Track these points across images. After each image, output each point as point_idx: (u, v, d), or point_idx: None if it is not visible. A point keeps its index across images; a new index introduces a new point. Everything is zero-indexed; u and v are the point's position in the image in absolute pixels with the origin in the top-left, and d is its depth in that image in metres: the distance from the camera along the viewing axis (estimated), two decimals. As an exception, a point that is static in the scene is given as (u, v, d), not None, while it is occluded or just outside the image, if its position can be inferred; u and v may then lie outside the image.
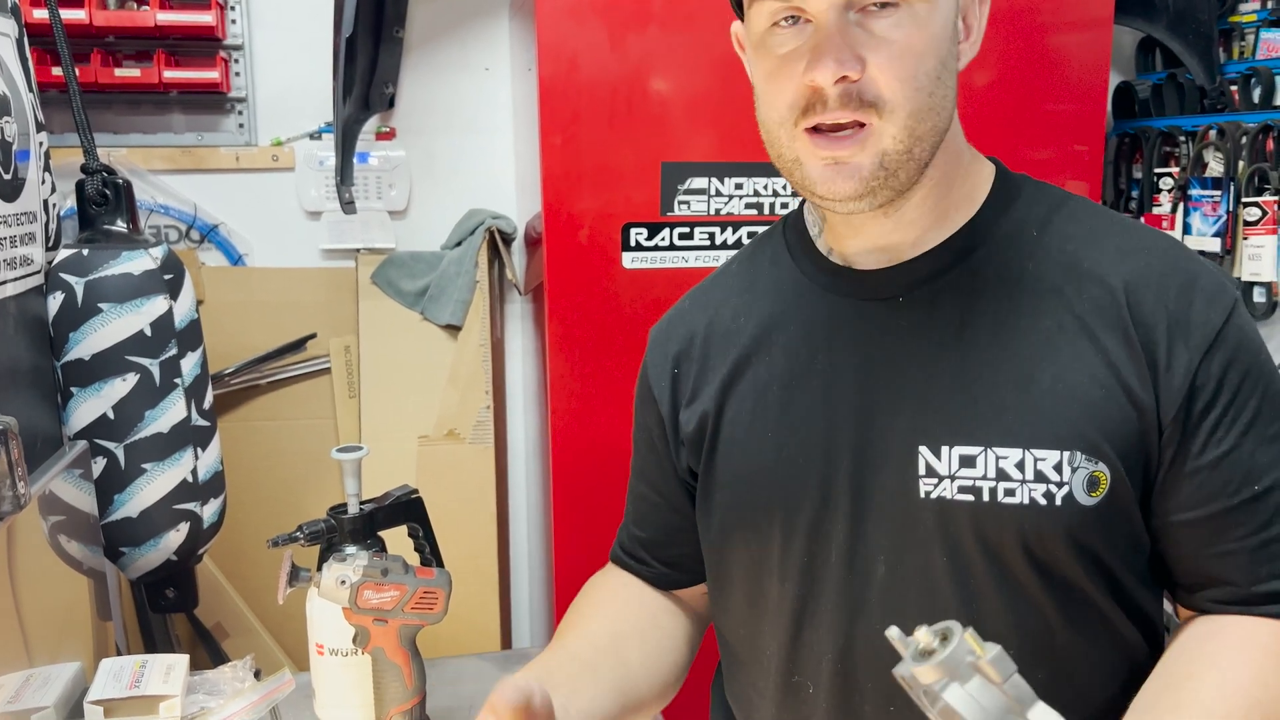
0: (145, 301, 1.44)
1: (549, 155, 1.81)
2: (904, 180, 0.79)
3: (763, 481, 0.89)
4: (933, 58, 0.78)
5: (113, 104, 2.09)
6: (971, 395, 0.81)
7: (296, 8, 2.11)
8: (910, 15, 0.76)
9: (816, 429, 0.87)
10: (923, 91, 0.77)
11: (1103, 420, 0.78)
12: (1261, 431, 0.79)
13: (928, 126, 0.78)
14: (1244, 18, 2.05)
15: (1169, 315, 0.79)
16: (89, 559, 1.39)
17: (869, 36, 0.76)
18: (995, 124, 1.93)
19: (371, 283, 2.17)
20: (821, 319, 0.89)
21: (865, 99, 0.76)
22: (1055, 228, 0.85)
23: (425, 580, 1.17)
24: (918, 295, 0.85)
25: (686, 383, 0.96)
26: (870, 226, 0.86)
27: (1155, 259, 0.82)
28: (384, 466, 2.01)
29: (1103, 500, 0.79)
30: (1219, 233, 1.98)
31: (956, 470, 0.80)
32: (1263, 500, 0.79)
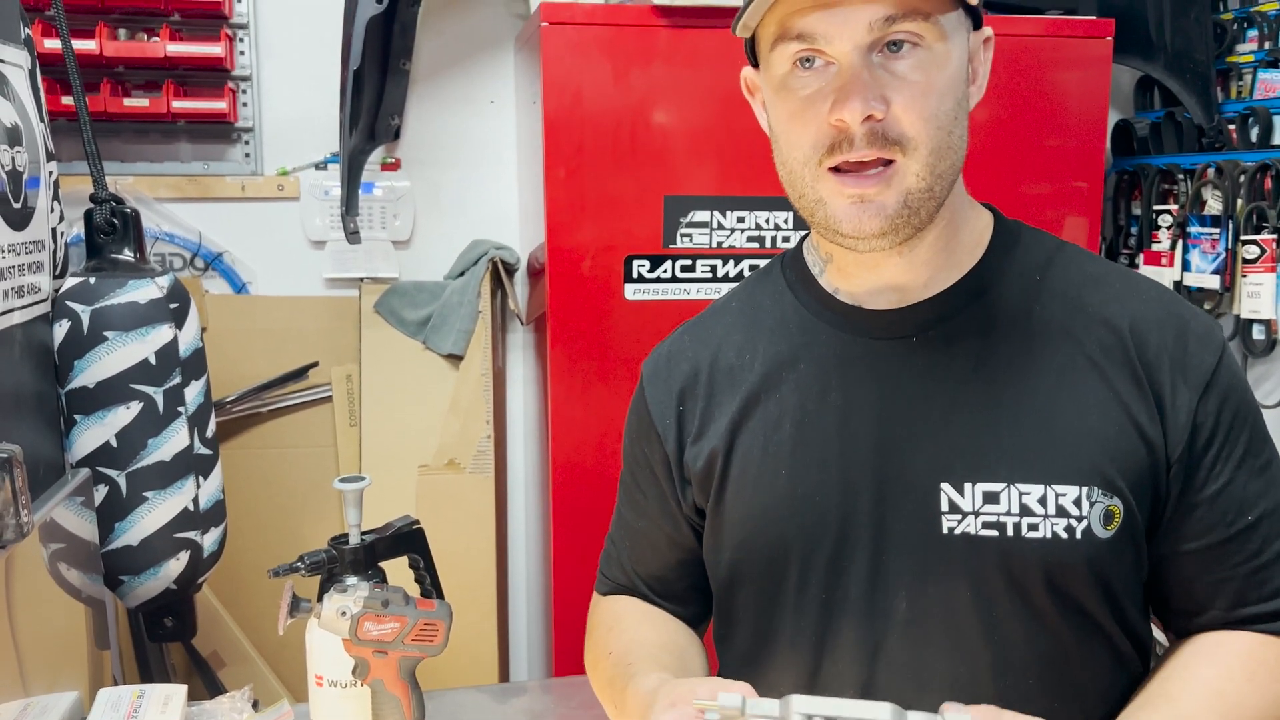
0: (150, 330, 1.45)
1: (553, 187, 1.83)
2: (924, 218, 0.82)
3: (777, 518, 0.89)
4: (950, 97, 0.80)
5: (120, 133, 2.11)
6: (992, 433, 0.83)
7: (304, 40, 2.14)
8: (929, 56, 0.78)
9: (832, 466, 0.87)
10: (943, 130, 0.79)
11: (1116, 456, 0.82)
12: (1251, 464, 0.84)
13: (947, 164, 0.81)
14: (1242, 58, 2.08)
15: (1170, 357, 0.83)
16: (88, 587, 1.39)
17: (891, 77, 0.78)
18: (997, 160, 1.95)
19: (374, 312, 2.18)
20: (833, 356, 0.90)
21: (890, 137, 0.78)
22: (1057, 271, 0.88)
23: (426, 612, 1.17)
24: (932, 335, 0.87)
25: (692, 419, 0.96)
26: (885, 264, 0.87)
27: (1152, 304, 0.86)
28: (383, 495, 2.01)
29: (1117, 532, 0.82)
30: (1218, 270, 1.99)
31: (980, 506, 0.83)
32: (1255, 529, 0.84)
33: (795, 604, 0.90)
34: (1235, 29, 2.09)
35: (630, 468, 1.05)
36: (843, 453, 0.87)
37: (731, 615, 0.97)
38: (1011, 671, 0.84)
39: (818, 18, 0.78)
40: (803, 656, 0.90)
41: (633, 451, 1.04)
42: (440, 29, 2.21)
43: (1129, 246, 2.25)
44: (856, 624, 0.87)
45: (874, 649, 0.86)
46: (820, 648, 0.89)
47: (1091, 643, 0.85)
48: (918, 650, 0.85)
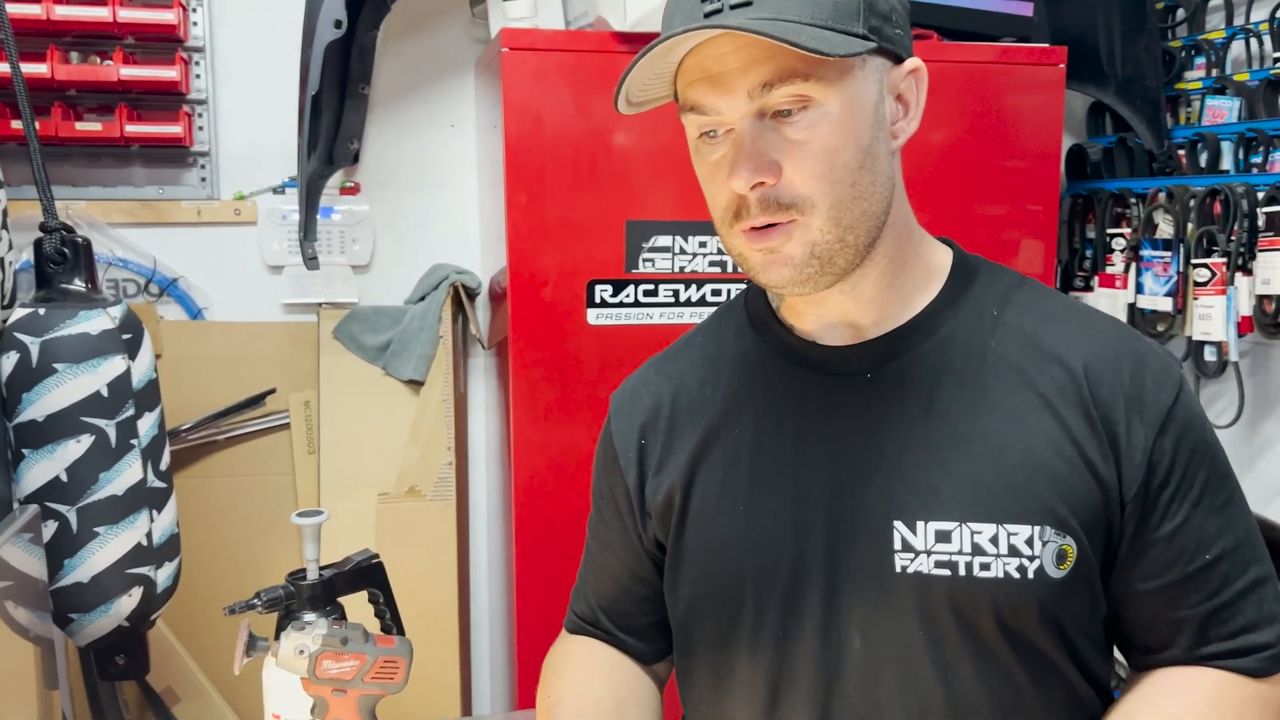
0: (102, 361, 1.42)
1: (514, 212, 1.82)
2: (843, 265, 0.82)
3: (734, 554, 0.90)
4: (850, 149, 0.80)
5: (72, 156, 2.07)
6: (945, 471, 0.84)
7: (261, 63, 2.12)
8: (821, 114, 0.78)
9: (787, 502, 0.88)
10: (842, 184, 0.79)
11: (1069, 495, 0.82)
12: (1210, 503, 0.84)
13: (856, 214, 0.81)
14: (1190, 85, 2.12)
15: (1125, 395, 0.83)
16: (36, 626, 1.35)
17: (782, 140, 0.79)
18: (953, 183, 1.97)
19: (333, 337, 2.15)
20: (790, 392, 0.90)
21: (783, 202, 0.79)
22: (1013, 308, 0.89)
23: (386, 649, 1.15)
24: (886, 371, 0.87)
25: (653, 453, 0.97)
26: (829, 303, 0.88)
27: (1109, 341, 0.86)
28: (343, 524, 1.98)
29: (1070, 572, 0.82)
30: (1170, 292, 2.03)
31: (933, 545, 0.83)
32: (1214, 568, 0.84)
33: (751, 641, 0.90)
34: (1183, 56, 2.14)
35: (596, 501, 1.06)
36: (797, 489, 0.88)
37: (690, 652, 0.97)
38: (965, 711, 0.84)
39: (704, 90, 0.80)
40: (759, 693, 0.90)
41: (598, 485, 1.04)
42: (400, 53, 2.19)
43: (1084, 269, 2.28)
44: (811, 661, 0.87)
45: (828, 687, 0.86)
46: (776, 685, 0.89)
47: (1046, 683, 0.85)
48: (871, 689, 0.85)
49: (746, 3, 0.76)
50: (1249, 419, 2.05)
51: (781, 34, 0.74)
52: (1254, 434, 2.10)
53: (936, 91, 1.93)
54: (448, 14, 2.19)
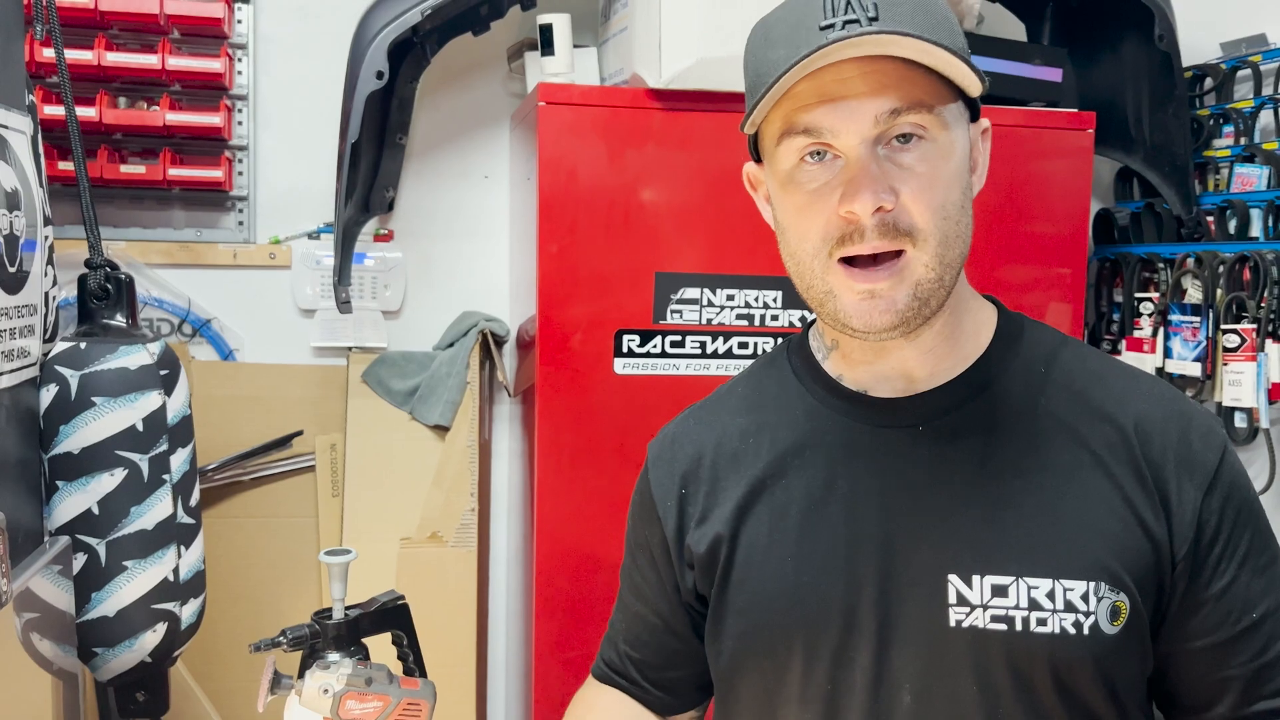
0: (139, 396, 1.44)
1: (545, 262, 1.85)
2: (934, 308, 0.82)
3: (782, 607, 0.89)
4: (956, 187, 0.81)
5: (115, 199, 2.12)
6: (1001, 526, 0.83)
7: (302, 111, 2.17)
8: (934, 148, 0.79)
9: (838, 555, 0.87)
10: (950, 220, 0.80)
11: (1121, 552, 0.82)
12: (1255, 563, 0.84)
13: (955, 253, 0.82)
14: (1219, 153, 2.14)
15: (1175, 455, 0.84)
16: (61, 659, 1.35)
17: (898, 169, 0.79)
18: (981, 245, 1.96)
19: (362, 381, 2.17)
20: (840, 444, 0.90)
21: (900, 228, 0.79)
22: (1061, 365, 0.89)
23: (410, 691, 1.15)
24: (938, 425, 0.87)
25: (695, 503, 0.95)
26: (891, 352, 0.88)
27: (1156, 401, 0.87)
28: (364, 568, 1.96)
29: (1123, 629, 0.82)
30: (1199, 358, 2.02)
31: (989, 599, 0.82)
32: (1259, 628, 0.84)
33: (800, 696, 0.88)
34: (1212, 125, 2.16)
35: (631, 550, 1.04)
36: (849, 543, 0.87)
37: (732, 706, 0.95)
38: None
39: (824, 112, 0.79)
40: None
41: (634, 534, 1.03)
42: (438, 105, 2.24)
43: (1111, 333, 2.28)
44: (860, 717, 0.86)
45: None
46: None
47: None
48: None
49: (874, 19, 0.76)
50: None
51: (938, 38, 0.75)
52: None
53: (966, 153, 1.96)
54: (485, 69, 2.25)
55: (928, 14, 0.78)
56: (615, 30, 1.97)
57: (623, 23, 1.93)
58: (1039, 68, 2.06)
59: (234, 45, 2.13)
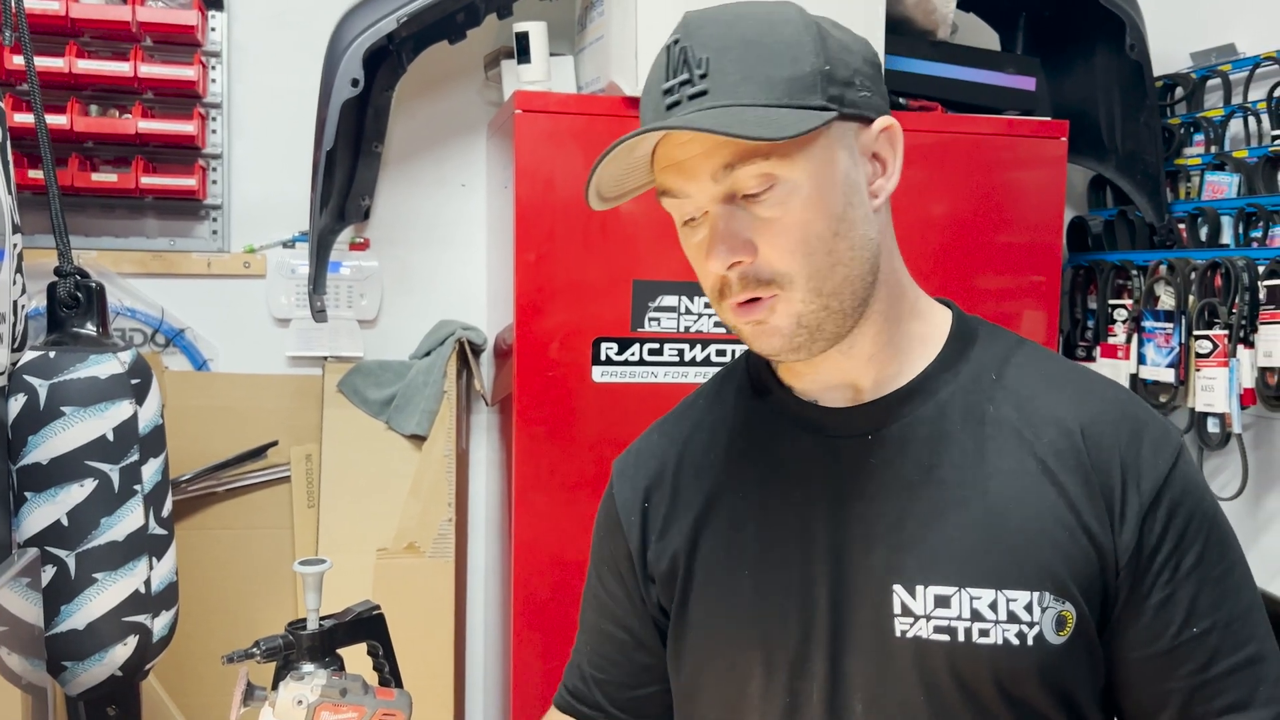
0: (110, 406, 1.42)
1: (523, 270, 1.84)
2: (833, 330, 0.83)
3: (741, 619, 0.89)
4: (821, 219, 0.80)
5: (86, 207, 2.09)
6: (945, 535, 0.83)
7: (276, 120, 2.16)
8: (788, 189, 0.79)
9: (794, 567, 0.87)
10: (817, 255, 0.80)
11: (1068, 560, 0.81)
12: (1204, 575, 0.82)
13: (837, 281, 0.81)
14: (1190, 160, 2.16)
15: (1122, 461, 0.83)
16: (29, 673, 1.33)
17: (754, 219, 0.80)
18: (957, 254, 2.00)
19: (337, 391, 2.15)
20: (792, 455, 0.90)
21: (762, 278, 0.80)
22: (1012, 371, 0.88)
23: (385, 702, 1.13)
24: (886, 434, 0.87)
25: (657, 517, 0.96)
26: (826, 364, 0.88)
27: (1108, 406, 0.86)
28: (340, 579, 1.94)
29: (1070, 638, 0.81)
30: (1172, 364, 2.04)
31: (932, 610, 0.82)
32: (1202, 642, 0.82)
33: (760, 708, 0.89)
34: (1182, 133, 2.18)
35: (596, 566, 1.04)
36: (803, 554, 0.87)
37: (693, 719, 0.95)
38: None
39: (673, 177, 0.82)
40: None
41: (600, 549, 1.03)
42: (414, 113, 2.24)
43: (1085, 339, 2.30)
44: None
45: None
46: None
47: None
48: None
49: (702, 92, 0.78)
50: (1252, 492, 2.05)
51: (725, 126, 0.75)
52: (1258, 507, 2.09)
53: (940, 163, 1.98)
54: (461, 77, 2.24)
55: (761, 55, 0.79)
56: (592, 39, 1.97)
57: (599, 31, 1.93)
58: (1012, 76, 2.08)
59: (208, 53, 2.11)
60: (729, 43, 0.79)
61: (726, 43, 0.79)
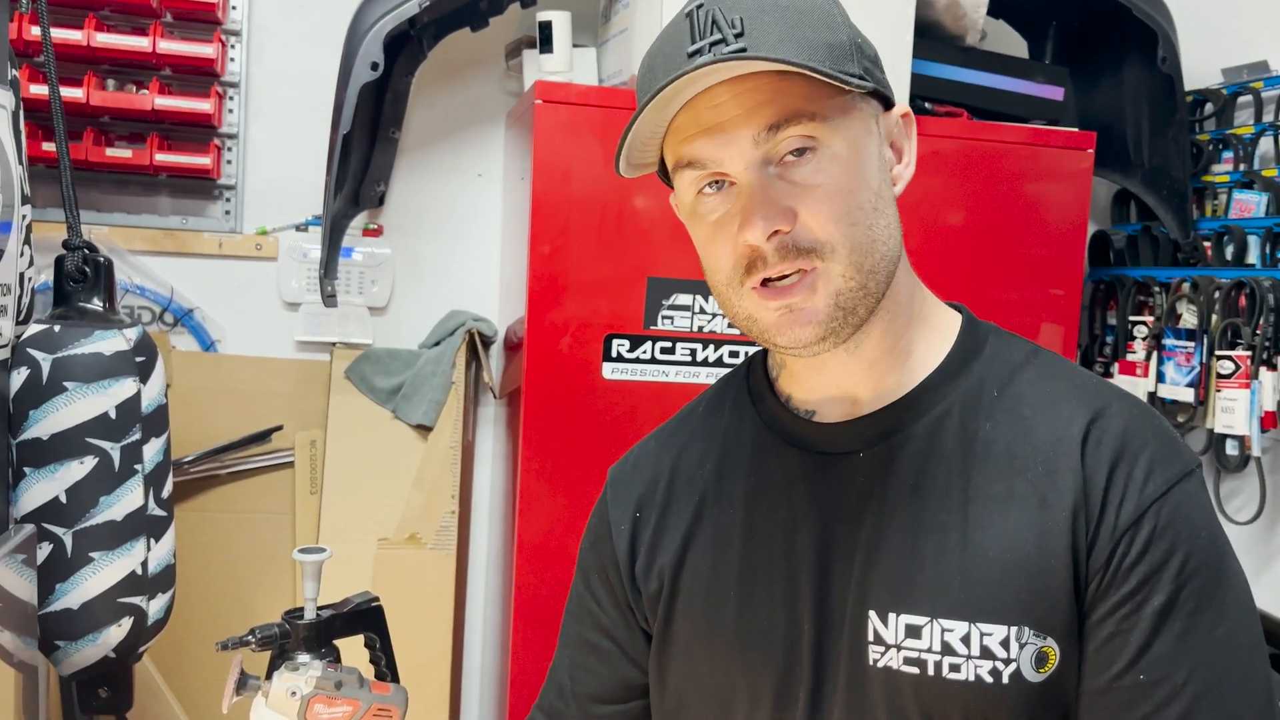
0: (113, 383, 1.40)
1: (537, 263, 1.82)
2: (862, 314, 0.78)
3: (725, 645, 0.85)
4: (864, 190, 0.77)
5: (99, 182, 2.08)
6: (920, 562, 0.78)
7: (294, 101, 2.14)
8: (830, 156, 0.75)
9: (778, 590, 0.83)
10: (860, 225, 0.76)
11: (1050, 593, 0.75)
12: (1169, 624, 0.73)
13: (877, 257, 0.77)
14: (1217, 178, 2.13)
15: (1110, 476, 0.76)
16: (21, 651, 1.31)
17: (792, 186, 0.75)
18: (974, 265, 1.97)
19: (345, 377, 2.13)
20: (780, 471, 0.86)
21: (803, 247, 0.75)
22: (1015, 389, 0.82)
23: (380, 696, 1.11)
24: (876, 451, 0.82)
25: (647, 529, 0.92)
26: (830, 367, 0.83)
27: (1114, 419, 0.78)
28: (340, 568, 1.92)
29: (1052, 675, 0.75)
30: (1192, 383, 2.01)
31: (903, 640, 0.77)
32: (1146, 693, 0.73)
33: None
34: (1211, 150, 2.15)
35: (584, 575, 0.99)
36: (788, 576, 0.83)
37: None
38: None
39: (704, 142, 0.76)
40: None
41: (587, 559, 0.98)
42: (433, 100, 2.21)
43: (1104, 355, 2.26)
44: None
45: None
46: None
47: None
48: None
49: (740, 50, 0.73)
50: (1269, 516, 2.01)
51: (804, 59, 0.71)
52: (1273, 532, 2.06)
53: (963, 170, 1.95)
54: (482, 66, 2.22)
55: (799, 19, 0.74)
56: (615, 31, 1.95)
57: (623, 24, 1.90)
58: (1040, 85, 2.05)
59: (227, 31, 2.09)
60: (763, 5, 0.74)
61: (760, 5, 0.74)
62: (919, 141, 0.85)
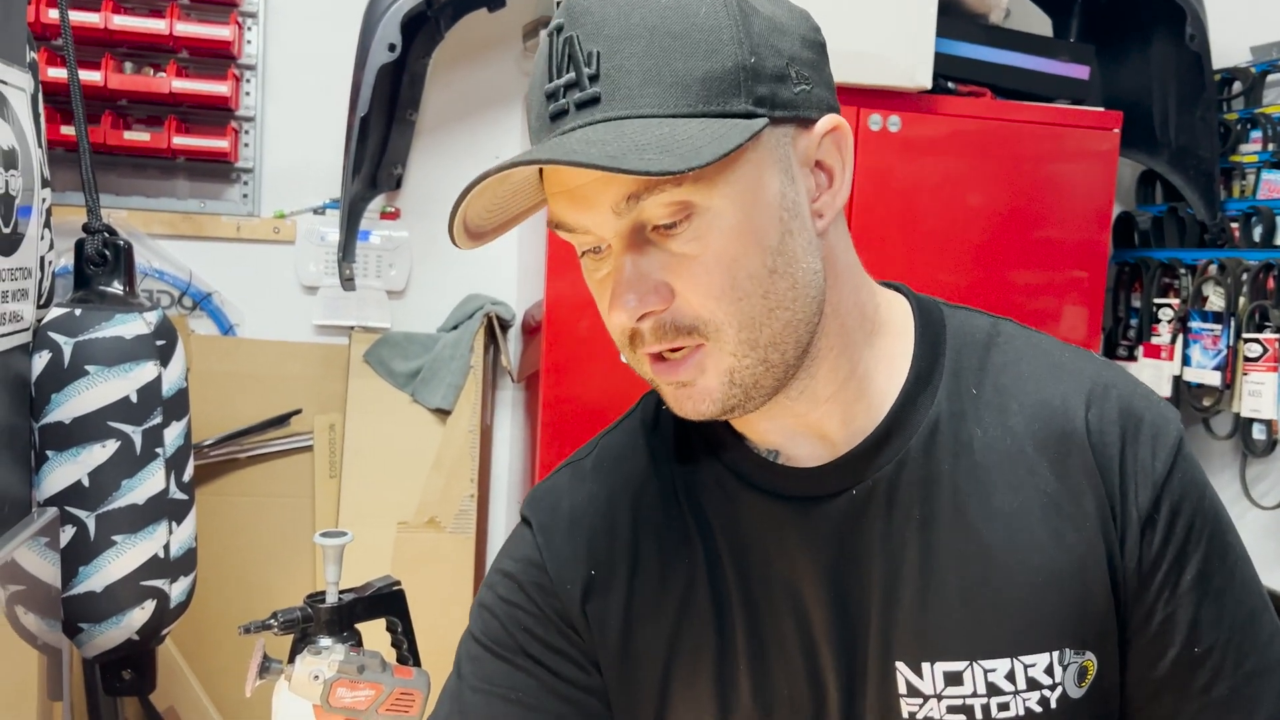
0: (134, 366, 1.39)
1: (555, 245, 1.80)
2: (771, 385, 0.68)
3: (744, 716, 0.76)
4: (754, 254, 0.65)
5: (117, 166, 2.07)
6: (944, 604, 0.72)
7: (311, 84, 2.13)
8: (710, 220, 0.64)
9: (794, 653, 0.75)
10: (750, 297, 0.65)
11: (1082, 605, 0.72)
12: (1204, 589, 0.72)
13: (777, 328, 0.66)
14: (1245, 158, 2.09)
15: (1121, 466, 0.72)
16: (45, 634, 1.31)
17: (669, 257, 0.65)
18: (996, 247, 1.94)
19: (363, 361, 2.13)
20: (764, 521, 0.76)
21: (681, 326, 0.66)
22: (991, 378, 0.75)
23: (403, 680, 1.11)
24: (872, 484, 0.73)
25: (615, 596, 0.78)
26: (778, 413, 0.73)
27: (1105, 398, 0.74)
28: (359, 552, 1.93)
29: (1091, 687, 0.73)
30: (1219, 366, 1.98)
31: (943, 689, 0.72)
32: (1202, 663, 0.73)
33: None
34: (1239, 129, 2.11)
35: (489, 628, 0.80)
36: (800, 636, 0.75)
37: None
38: None
39: (566, 208, 0.66)
40: None
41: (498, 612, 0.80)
42: (449, 82, 2.20)
43: (1128, 338, 2.24)
44: None
45: None
46: None
47: None
48: None
49: (593, 99, 0.63)
50: (1295, 501, 1.99)
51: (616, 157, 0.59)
52: (1299, 517, 2.03)
53: (986, 151, 1.93)
54: (499, 46, 2.20)
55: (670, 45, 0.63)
56: (634, 11, 1.93)
57: (642, 3, 1.88)
58: (1065, 64, 2.02)
59: (244, 13, 2.08)
60: (627, 29, 0.63)
61: (624, 29, 0.63)
62: (940, 122, 0.76)
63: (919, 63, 1.79)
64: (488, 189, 0.66)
